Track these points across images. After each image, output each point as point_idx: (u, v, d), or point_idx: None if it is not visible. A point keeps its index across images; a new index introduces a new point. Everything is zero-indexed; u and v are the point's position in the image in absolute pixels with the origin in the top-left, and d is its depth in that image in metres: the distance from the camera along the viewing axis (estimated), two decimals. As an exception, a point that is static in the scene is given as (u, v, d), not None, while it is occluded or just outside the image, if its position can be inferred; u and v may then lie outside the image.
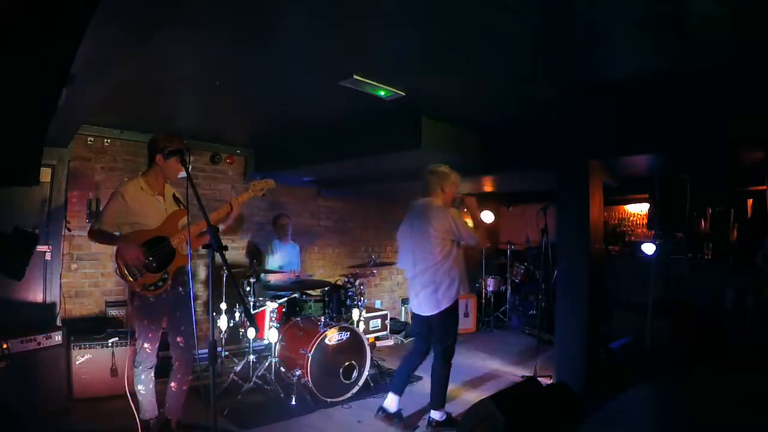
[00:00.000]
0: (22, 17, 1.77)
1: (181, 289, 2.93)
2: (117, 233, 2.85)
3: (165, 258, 2.82)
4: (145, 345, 2.87)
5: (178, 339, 2.95)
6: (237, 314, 4.49)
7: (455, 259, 3.32)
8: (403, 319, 7.09)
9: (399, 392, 3.54)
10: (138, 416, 2.89)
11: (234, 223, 3.41)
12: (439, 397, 3.35)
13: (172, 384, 3.00)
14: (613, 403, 3.83)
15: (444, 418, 3.36)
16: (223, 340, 4.58)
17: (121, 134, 4.73)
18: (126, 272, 2.76)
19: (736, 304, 4.85)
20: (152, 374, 2.94)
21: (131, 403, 2.89)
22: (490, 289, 7.33)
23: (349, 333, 4.09)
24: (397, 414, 3.55)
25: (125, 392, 3.34)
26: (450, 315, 3.35)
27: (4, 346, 3.19)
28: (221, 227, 3.17)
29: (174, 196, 3.00)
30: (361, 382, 4.06)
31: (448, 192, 3.46)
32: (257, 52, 2.80)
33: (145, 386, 2.90)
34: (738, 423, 3.46)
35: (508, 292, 7.36)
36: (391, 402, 3.53)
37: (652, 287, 4.79)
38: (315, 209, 6.58)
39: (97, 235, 2.81)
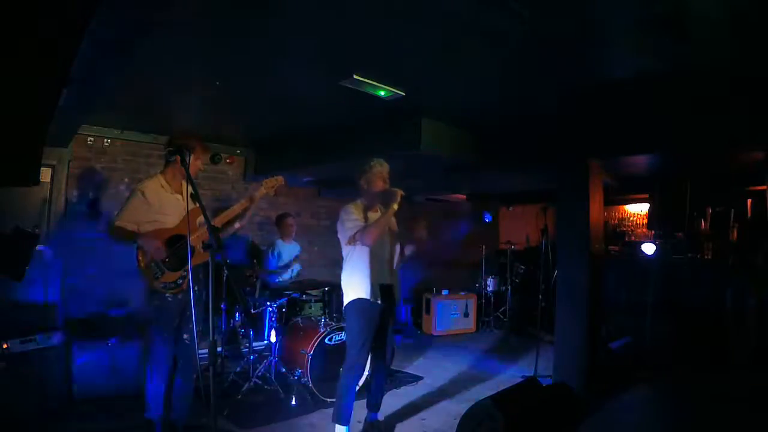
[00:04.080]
0: (22, 18, 1.77)
1: (197, 288, 2.93)
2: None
3: (184, 256, 2.82)
4: (159, 347, 2.87)
5: (185, 336, 2.95)
6: (237, 314, 4.49)
7: (356, 259, 3.10)
8: (403, 319, 7.09)
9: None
10: (144, 414, 2.89)
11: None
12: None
13: (178, 382, 2.99)
14: (613, 403, 3.83)
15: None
16: (223, 340, 4.58)
17: (121, 134, 4.73)
18: (148, 270, 2.77)
19: (736, 304, 4.84)
20: (163, 376, 2.92)
21: (145, 401, 2.89)
22: (490, 289, 7.33)
23: (349, 333, 4.09)
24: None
25: (126, 392, 3.36)
26: (348, 319, 3.15)
27: (4, 346, 3.19)
28: (237, 225, 3.19)
29: (191, 194, 2.98)
30: (360, 383, 4.06)
31: (367, 187, 3.15)
32: (257, 52, 2.80)
33: (155, 387, 2.90)
34: (738, 423, 3.46)
35: (508, 292, 7.36)
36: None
37: (652, 287, 4.79)
38: (315, 209, 6.58)
39: (117, 231, 2.79)
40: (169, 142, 2.91)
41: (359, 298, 3.08)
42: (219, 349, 4.52)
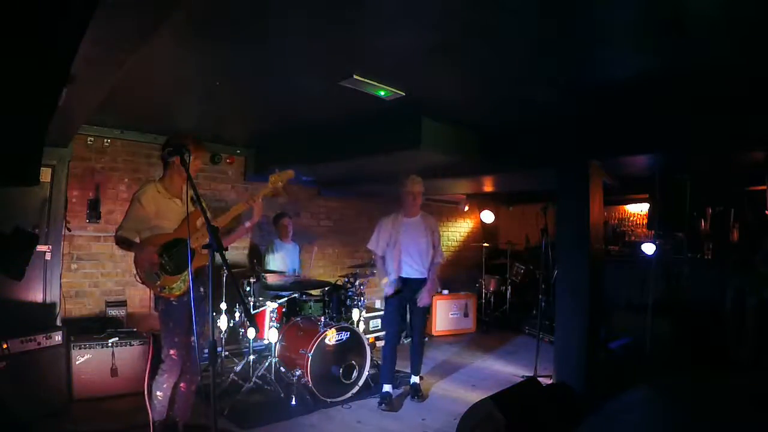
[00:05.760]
0: (22, 17, 1.77)
1: (202, 289, 2.93)
2: (137, 240, 2.83)
3: (183, 259, 2.81)
4: (171, 352, 2.84)
5: (192, 338, 2.94)
6: (237, 314, 4.49)
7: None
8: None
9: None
10: (150, 415, 2.88)
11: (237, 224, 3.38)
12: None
13: (182, 384, 2.98)
14: (613, 403, 3.83)
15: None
16: (223, 340, 4.58)
17: (121, 134, 4.73)
18: (145, 278, 2.75)
19: (736, 304, 4.84)
20: (173, 382, 2.91)
21: (146, 402, 2.88)
22: (490, 289, 7.33)
23: (349, 333, 4.09)
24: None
25: (126, 392, 3.34)
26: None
27: (4, 346, 3.19)
28: (247, 224, 3.16)
29: (191, 197, 2.97)
30: (361, 382, 4.06)
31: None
32: (257, 52, 2.80)
33: (163, 393, 2.88)
34: (738, 423, 3.46)
35: (508, 292, 7.36)
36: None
37: (652, 287, 4.79)
38: (315, 209, 6.58)
39: (120, 241, 2.81)
40: (166, 144, 2.87)
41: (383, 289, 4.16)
42: (219, 349, 4.53)
